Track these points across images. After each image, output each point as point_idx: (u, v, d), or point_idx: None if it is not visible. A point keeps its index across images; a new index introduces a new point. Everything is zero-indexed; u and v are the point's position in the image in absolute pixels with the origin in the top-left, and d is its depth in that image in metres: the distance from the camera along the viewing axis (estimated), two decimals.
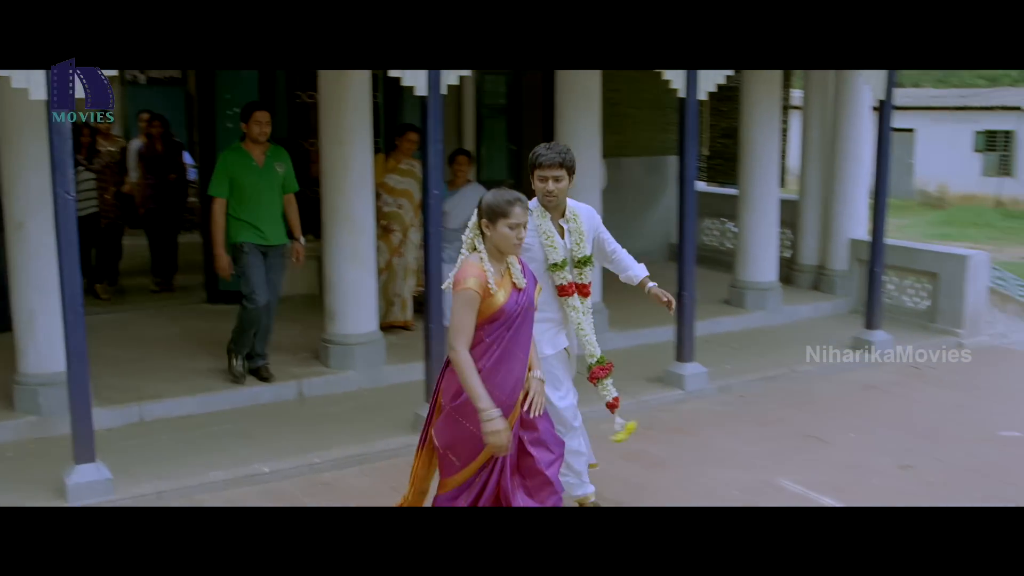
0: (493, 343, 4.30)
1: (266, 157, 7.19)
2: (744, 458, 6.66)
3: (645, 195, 12.42)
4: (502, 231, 4.27)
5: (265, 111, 7.20)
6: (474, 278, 4.23)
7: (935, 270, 9.83)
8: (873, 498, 5.98)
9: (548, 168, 5.01)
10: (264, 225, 7.14)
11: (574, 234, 5.25)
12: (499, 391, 4.29)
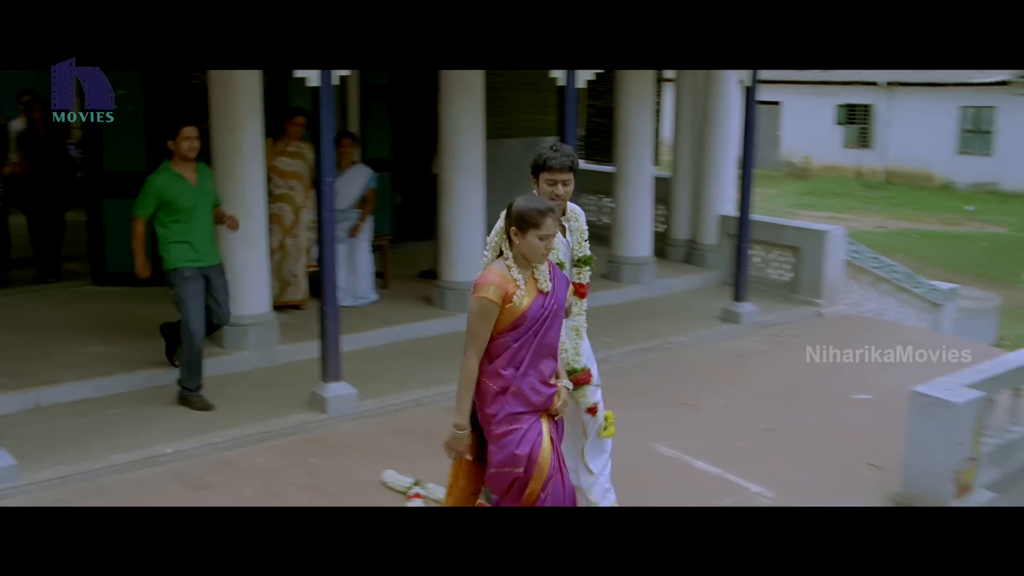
0: (521, 347, 4.25)
1: (198, 175, 6.87)
2: (623, 426, 7.02)
3: (525, 173, 12.66)
4: (532, 241, 4.18)
5: (193, 126, 6.78)
6: (494, 287, 4.15)
7: (797, 244, 10.49)
8: (741, 460, 6.51)
9: (559, 172, 4.92)
10: (202, 246, 6.88)
11: (575, 233, 5.24)
12: (533, 394, 4.29)
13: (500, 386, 4.26)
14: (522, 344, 4.25)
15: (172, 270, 6.76)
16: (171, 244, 6.76)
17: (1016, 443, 6.46)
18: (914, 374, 7.16)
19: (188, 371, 6.93)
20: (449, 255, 9.13)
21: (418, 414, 7.16)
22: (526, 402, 4.29)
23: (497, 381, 4.26)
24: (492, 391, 4.27)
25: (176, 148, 6.71)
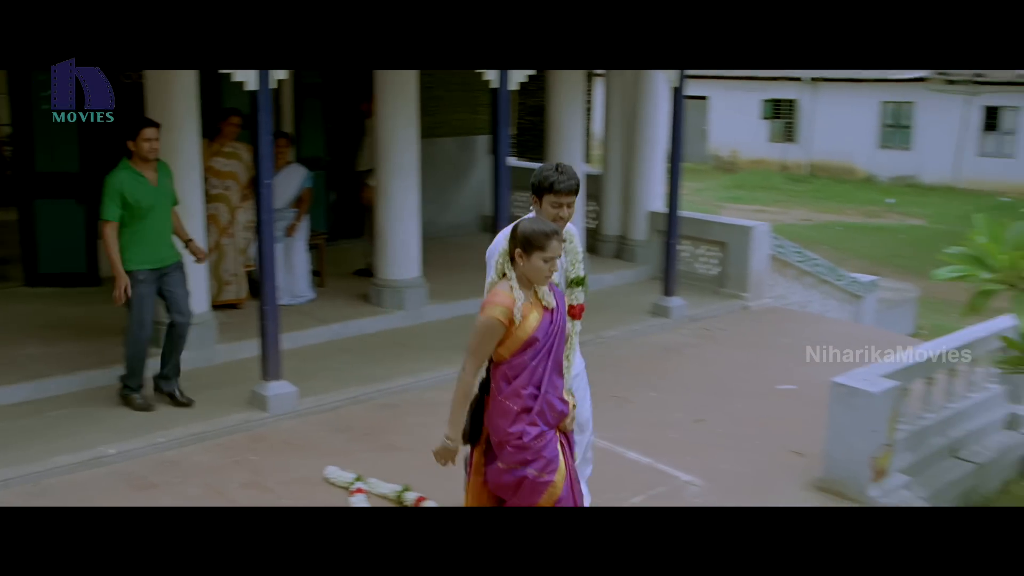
0: (538, 365, 4.32)
1: (158, 175, 6.83)
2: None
3: (458, 171, 12.94)
4: (536, 264, 4.25)
5: (154, 127, 6.76)
6: (501, 307, 4.22)
7: (724, 240, 10.80)
8: (672, 450, 6.76)
9: (565, 195, 4.88)
10: (162, 247, 6.88)
11: (570, 254, 5.20)
12: (551, 412, 4.37)
13: (521, 406, 4.30)
14: (539, 362, 4.32)
15: (128, 272, 6.72)
16: (128, 245, 6.72)
17: (929, 429, 6.80)
18: (835, 365, 7.46)
19: (130, 370, 6.98)
20: (385, 253, 9.25)
21: (357, 411, 7.30)
22: (546, 420, 4.36)
23: (517, 401, 4.30)
24: (513, 411, 4.30)
25: (136, 149, 6.68)
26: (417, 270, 9.33)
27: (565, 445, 4.52)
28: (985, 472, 7.07)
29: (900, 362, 6.53)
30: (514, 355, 4.29)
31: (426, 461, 6.36)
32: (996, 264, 5.57)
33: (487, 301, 4.29)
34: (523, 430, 4.30)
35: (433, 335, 8.90)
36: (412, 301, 9.23)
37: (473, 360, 4.30)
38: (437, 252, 10.42)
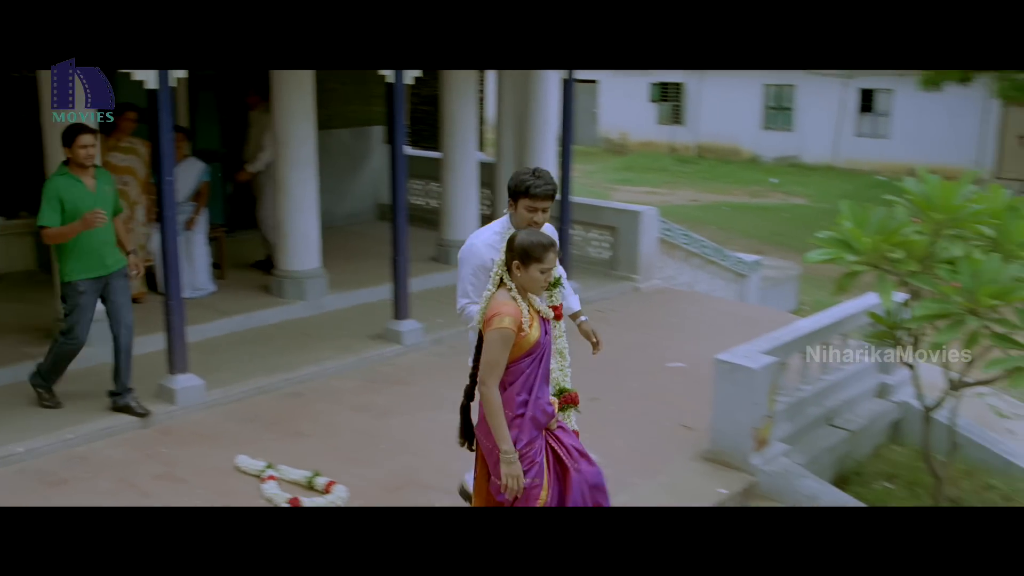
0: (532, 373, 4.47)
1: (96, 181, 6.75)
2: (459, 402, 7.58)
3: (354, 161, 13.08)
4: (533, 274, 4.39)
5: (90, 133, 6.67)
6: (510, 317, 4.34)
7: (614, 224, 11.21)
8: None
9: (540, 200, 5.00)
10: (106, 253, 6.76)
11: None
12: (543, 416, 4.54)
13: (516, 412, 4.45)
14: (532, 369, 4.48)
15: (67, 283, 6.69)
16: (70, 254, 6.65)
17: (806, 400, 7.27)
18: (720, 342, 7.88)
19: (52, 368, 6.97)
20: (285, 245, 9.40)
21: (264, 401, 7.47)
22: (537, 425, 4.53)
23: (512, 407, 4.45)
24: (508, 417, 4.44)
25: (72, 155, 6.64)
26: (317, 261, 9.50)
27: (552, 443, 4.66)
28: (858, 438, 7.57)
29: (778, 338, 6.98)
30: (514, 362, 4.42)
31: (333, 446, 6.65)
32: (861, 247, 6.05)
33: (494, 313, 4.37)
34: (516, 437, 4.45)
35: (335, 324, 9.09)
36: (313, 291, 9.40)
37: (493, 373, 4.38)
38: (336, 242, 10.58)
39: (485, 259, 5.04)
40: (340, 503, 5.90)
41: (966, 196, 6.14)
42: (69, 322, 6.79)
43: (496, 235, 5.14)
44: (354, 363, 8.20)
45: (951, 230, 6.10)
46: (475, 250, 5.15)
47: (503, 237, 4.93)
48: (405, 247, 8.59)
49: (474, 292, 5.11)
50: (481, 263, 5.08)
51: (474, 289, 5.12)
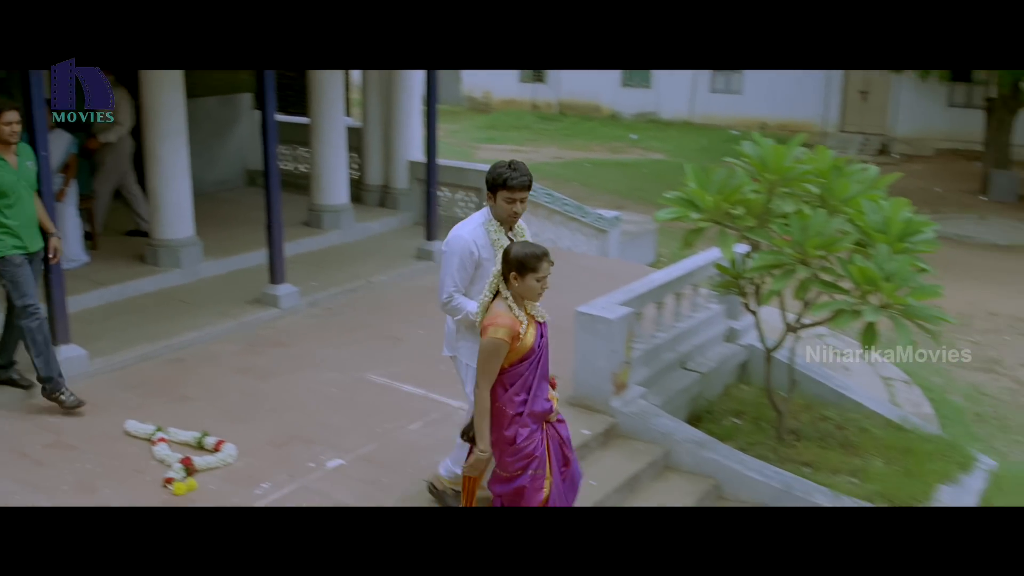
0: (530, 375, 4.82)
1: (19, 158, 6.66)
2: (337, 361, 7.97)
3: (221, 128, 13.12)
4: (530, 283, 4.68)
5: (14, 110, 6.53)
6: (505, 328, 4.66)
7: (479, 186, 11.62)
8: (442, 381, 7.51)
9: (518, 191, 5.21)
10: (27, 232, 6.70)
11: None
12: (535, 408, 4.86)
13: (516, 411, 4.81)
14: (530, 371, 4.83)
15: (2, 259, 6.61)
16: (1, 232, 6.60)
17: (660, 347, 7.89)
18: (582, 296, 8.40)
19: (44, 359, 6.80)
20: (159, 214, 9.52)
21: (147, 368, 7.69)
22: (536, 418, 4.89)
23: (512, 407, 4.81)
24: (509, 415, 4.81)
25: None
26: (191, 229, 9.66)
27: (550, 435, 5.02)
28: (709, 380, 8.25)
29: (634, 291, 7.55)
30: (512, 366, 4.77)
31: (219, 408, 6.97)
32: (704, 206, 6.65)
33: (490, 323, 4.69)
34: (516, 432, 4.82)
35: (212, 291, 9.30)
36: (188, 259, 9.56)
37: (485, 379, 4.74)
38: (207, 209, 10.70)
39: (470, 250, 5.28)
40: (230, 460, 6.23)
41: (796, 157, 6.80)
42: (19, 298, 6.69)
43: (479, 227, 5.36)
44: (234, 328, 8.47)
45: (783, 188, 6.76)
46: (460, 242, 5.32)
47: (485, 228, 5.32)
48: (279, 213, 8.84)
49: (460, 282, 5.33)
50: (467, 254, 5.29)
51: (460, 279, 5.33)
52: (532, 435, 4.88)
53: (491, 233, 5.31)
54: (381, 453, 6.45)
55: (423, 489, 5.97)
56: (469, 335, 5.42)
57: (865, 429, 8.10)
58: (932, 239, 6.63)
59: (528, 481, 4.89)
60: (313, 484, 6.04)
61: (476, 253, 5.26)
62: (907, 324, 6.25)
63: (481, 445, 4.83)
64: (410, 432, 6.77)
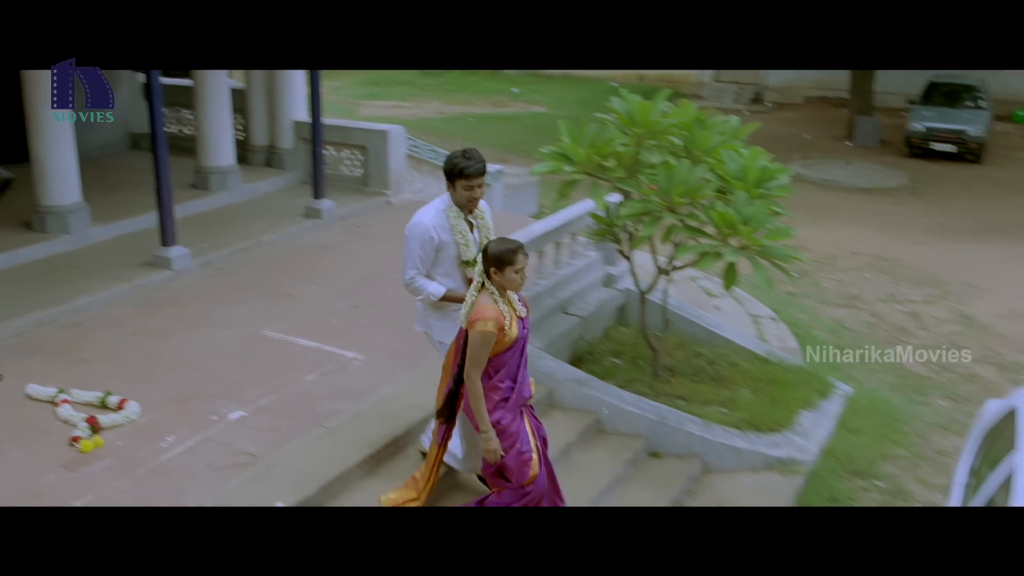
0: (514, 363, 5.24)
1: None
2: (232, 319, 8.22)
3: None
4: (509, 275, 5.09)
5: None
6: (492, 320, 5.05)
7: (364, 144, 11.91)
8: (335, 334, 7.87)
9: (475, 178, 5.65)
10: None
11: (482, 229, 5.93)
12: (523, 394, 5.32)
13: (501, 396, 5.22)
14: (514, 360, 5.24)
15: None
16: None
17: (541, 293, 8.33)
18: None
19: None
20: (44, 180, 9.53)
21: (44, 333, 7.82)
22: (517, 404, 5.28)
23: (497, 392, 5.21)
24: (494, 401, 5.21)
25: None
26: (78, 194, 9.71)
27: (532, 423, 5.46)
28: (589, 323, 8.74)
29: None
30: (497, 356, 5.17)
31: (118, 368, 7.17)
32: (577, 159, 7.09)
33: (477, 316, 5.07)
34: (501, 416, 5.22)
35: (103, 255, 9.39)
36: (76, 225, 9.63)
37: (476, 368, 5.13)
38: (92, 174, 10.68)
39: (430, 236, 5.69)
40: (135, 417, 6.48)
41: (661, 111, 7.27)
42: None
43: (440, 212, 5.77)
44: (128, 291, 8.63)
45: (650, 141, 7.24)
46: (421, 228, 5.73)
47: (447, 213, 5.74)
48: (167, 176, 8.98)
49: (422, 265, 5.76)
50: (427, 239, 5.71)
51: (422, 262, 5.76)
52: (515, 419, 5.31)
53: (451, 219, 5.73)
54: (280, 404, 6.77)
55: (323, 435, 6.34)
56: (436, 314, 5.92)
57: (735, 363, 8.71)
58: (786, 184, 7.16)
59: (514, 458, 5.30)
60: (217, 435, 6.34)
61: (436, 238, 5.72)
62: (763, 263, 6.80)
63: (483, 427, 5.23)
64: (307, 383, 7.09)
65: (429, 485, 5.72)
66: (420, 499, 5.71)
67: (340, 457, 6.12)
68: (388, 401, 6.85)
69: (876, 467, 7.88)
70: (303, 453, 6.17)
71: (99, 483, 5.78)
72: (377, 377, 7.20)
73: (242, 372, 7.23)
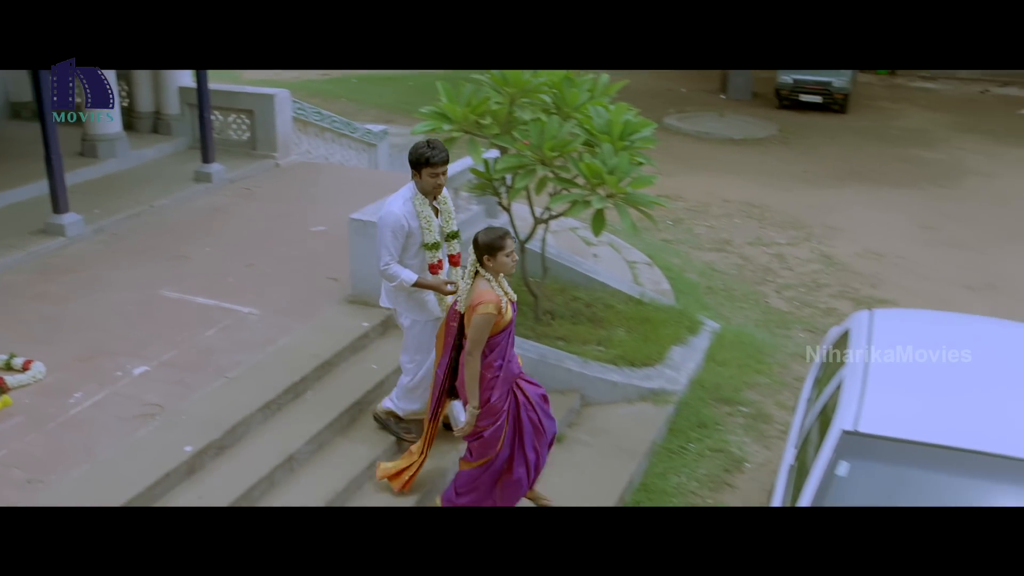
0: (505, 344, 5.67)
1: None
2: (129, 281, 8.49)
3: None
4: (501, 260, 5.55)
5: None
6: (493, 303, 5.50)
7: (251, 108, 12.15)
8: (231, 291, 8.22)
9: (440, 166, 6.12)
10: None
11: (444, 213, 6.39)
12: (511, 371, 5.75)
13: (493, 374, 5.65)
14: (505, 341, 5.68)
15: None
16: None
17: None
18: (355, 205, 9.16)
19: None
20: None
21: None
22: (507, 380, 5.73)
23: (490, 371, 5.64)
24: (487, 378, 5.65)
25: None
26: None
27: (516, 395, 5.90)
28: None
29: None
30: (492, 337, 5.61)
31: (21, 333, 7.43)
32: (455, 118, 7.56)
33: (479, 300, 5.50)
34: (491, 394, 5.69)
35: None
36: None
37: (476, 347, 5.56)
38: None
39: (401, 224, 6.15)
40: (40, 376, 6.77)
41: (532, 71, 7.78)
42: None
43: (408, 201, 6.23)
44: (23, 258, 8.81)
45: (523, 99, 7.75)
46: (392, 216, 6.18)
47: (413, 201, 6.21)
48: (56, 143, 9.08)
49: (395, 251, 6.20)
50: (398, 227, 6.17)
51: (394, 249, 6.20)
52: (504, 396, 5.78)
53: (417, 206, 6.20)
54: (182, 358, 7.14)
55: (225, 384, 6.75)
56: (405, 298, 6.39)
57: (610, 305, 9.36)
58: (650, 136, 7.75)
59: (493, 432, 5.80)
60: (123, 390, 6.69)
61: (406, 225, 6.18)
62: (629, 210, 7.39)
63: (474, 403, 5.69)
64: (207, 338, 7.46)
65: (423, 457, 6.25)
66: (416, 465, 6.26)
67: (242, 403, 6.55)
68: (285, 351, 7.28)
69: (740, 394, 8.62)
70: (206, 401, 6.58)
71: (11, 439, 6.09)
72: (273, 330, 7.61)
73: (143, 331, 7.55)
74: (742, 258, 12.96)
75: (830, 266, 12.74)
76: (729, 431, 8.07)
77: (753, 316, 10.85)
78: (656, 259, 11.84)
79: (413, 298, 6.39)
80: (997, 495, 4.68)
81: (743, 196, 15.92)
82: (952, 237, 14.08)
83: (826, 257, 13.08)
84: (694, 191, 15.95)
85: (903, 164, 18.41)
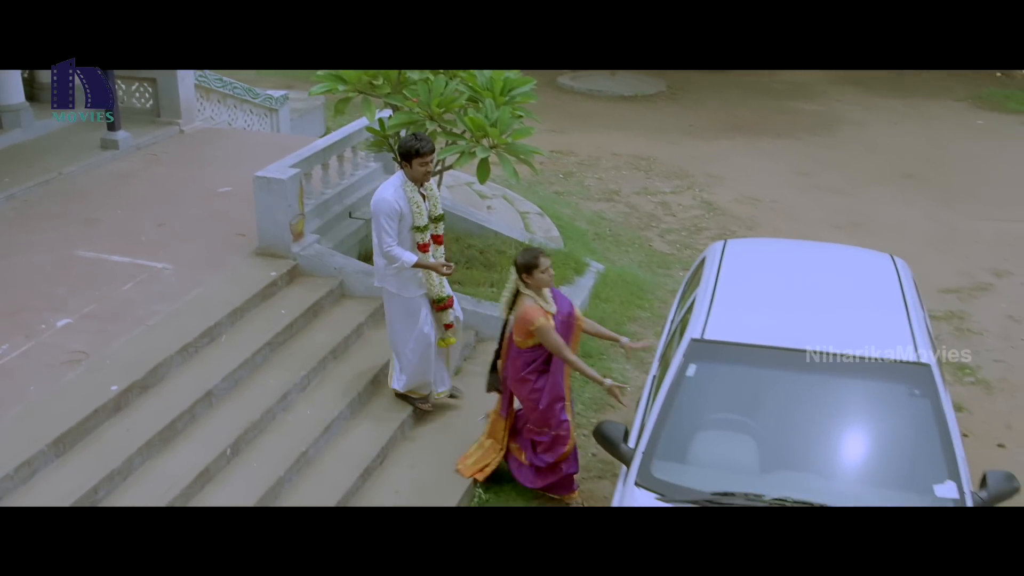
0: (540, 361, 6.36)
1: None
2: (45, 244, 8.92)
3: None
4: (539, 277, 6.18)
5: None
6: (542, 317, 6.16)
7: (153, 76, 12.52)
8: (145, 249, 8.72)
9: (428, 156, 6.70)
10: None
11: (431, 198, 6.98)
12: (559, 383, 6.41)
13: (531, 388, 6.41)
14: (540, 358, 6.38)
15: None
16: None
17: (329, 201, 9.43)
18: (259, 166, 9.65)
19: None
20: None
21: None
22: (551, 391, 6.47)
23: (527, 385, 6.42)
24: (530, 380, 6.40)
25: None
26: None
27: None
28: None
29: (301, 155, 9.01)
30: (530, 349, 6.31)
31: None
32: (349, 79, 8.17)
33: (528, 318, 6.19)
34: (532, 390, 6.43)
35: None
36: None
37: (561, 351, 6.23)
38: None
39: (394, 208, 6.69)
40: None
41: None
42: None
43: (398, 188, 6.79)
44: None
45: None
46: (385, 203, 6.72)
47: (403, 188, 6.77)
48: None
49: (394, 233, 6.77)
50: (392, 212, 6.72)
51: (393, 231, 6.76)
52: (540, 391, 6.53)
53: (408, 192, 6.78)
54: (102, 310, 7.67)
55: (145, 331, 7.33)
56: (395, 273, 6.97)
57: (502, 251, 10.08)
58: (529, 92, 8.46)
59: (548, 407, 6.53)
60: (48, 340, 7.21)
61: (399, 208, 6.74)
62: (509, 158, 8.11)
63: (596, 376, 6.35)
64: (125, 291, 7.99)
65: (502, 452, 6.91)
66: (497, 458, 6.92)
67: (162, 347, 7.14)
68: (199, 300, 7.86)
69: (623, 327, 9.42)
70: (128, 347, 7.15)
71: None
72: (188, 282, 8.17)
73: (63, 288, 8.04)
74: (629, 207, 13.79)
75: (710, 211, 13.66)
76: (612, 360, 8.87)
77: (637, 258, 11.69)
78: (547, 210, 12.58)
79: (399, 276, 6.99)
80: (817, 386, 5.56)
81: (632, 150, 16.75)
82: (824, 182, 15.12)
83: (707, 203, 13.99)
84: (585, 146, 16.73)
85: (783, 116, 19.46)
